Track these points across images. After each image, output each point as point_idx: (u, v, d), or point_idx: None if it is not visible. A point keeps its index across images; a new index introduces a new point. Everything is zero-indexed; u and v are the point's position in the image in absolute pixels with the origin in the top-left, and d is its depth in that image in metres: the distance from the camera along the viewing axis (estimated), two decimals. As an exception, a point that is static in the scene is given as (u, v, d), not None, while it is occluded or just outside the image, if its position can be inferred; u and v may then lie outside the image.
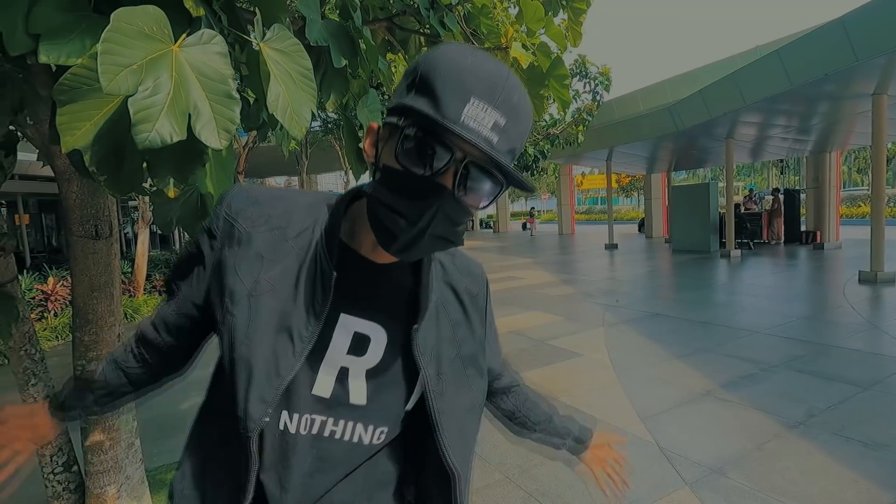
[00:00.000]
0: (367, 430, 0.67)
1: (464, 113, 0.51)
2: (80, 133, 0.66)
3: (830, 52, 6.73)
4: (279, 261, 0.63)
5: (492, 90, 0.53)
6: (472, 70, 0.53)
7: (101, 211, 1.60)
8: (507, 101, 0.54)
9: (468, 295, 0.75)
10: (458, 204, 0.56)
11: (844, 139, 12.28)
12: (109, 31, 0.50)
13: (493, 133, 0.53)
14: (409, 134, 0.54)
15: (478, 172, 0.55)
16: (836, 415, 3.20)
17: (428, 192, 0.55)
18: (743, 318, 5.94)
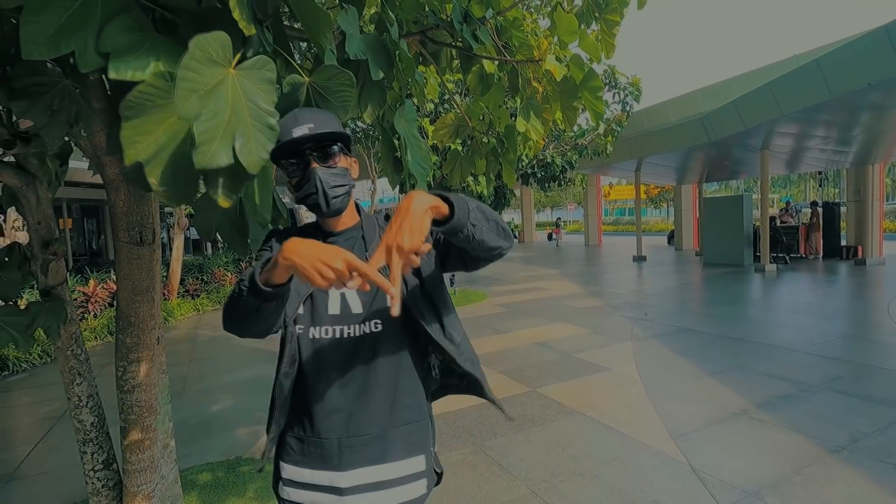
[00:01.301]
0: (367, 325, 1.06)
1: (292, 135, 0.95)
2: (142, 146, 0.69)
3: (874, 60, 6.49)
4: None
5: (296, 119, 0.97)
6: (283, 121, 0.94)
7: (146, 218, 1.66)
8: (306, 117, 0.97)
9: None
10: (327, 168, 1.01)
11: (888, 151, 11.77)
12: (188, 59, 0.53)
13: (311, 130, 0.96)
14: (284, 167, 1.02)
15: (321, 149, 1.00)
16: (881, 440, 3.04)
17: (308, 176, 1.00)
18: (779, 336, 5.72)
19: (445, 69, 2.34)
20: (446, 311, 1.11)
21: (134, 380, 1.77)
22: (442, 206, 0.87)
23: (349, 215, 1.11)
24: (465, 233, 0.90)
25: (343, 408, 1.04)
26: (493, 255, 1.02)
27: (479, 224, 0.92)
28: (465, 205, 0.90)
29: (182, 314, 8.51)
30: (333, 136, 0.99)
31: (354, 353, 1.05)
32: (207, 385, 4.83)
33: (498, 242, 0.99)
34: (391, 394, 1.07)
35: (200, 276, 9.94)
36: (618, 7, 2.03)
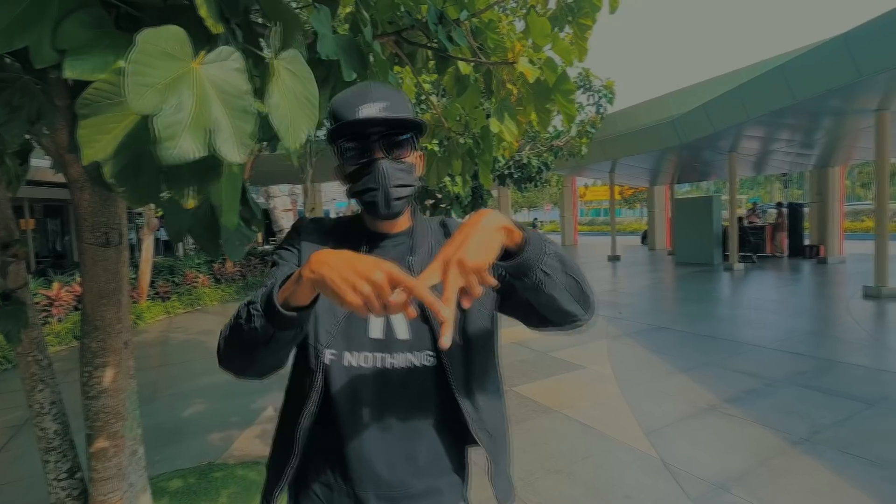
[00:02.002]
0: (416, 355, 0.85)
1: (357, 115, 0.81)
2: (100, 146, 0.67)
3: (834, 67, 6.77)
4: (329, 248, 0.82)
5: (365, 95, 0.83)
6: (350, 94, 0.85)
7: (112, 219, 1.62)
8: (379, 94, 0.83)
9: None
10: (394, 161, 0.84)
11: (848, 154, 12.29)
12: (137, 53, 0.52)
13: (382, 112, 0.81)
14: (340, 149, 0.86)
15: (392, 137, 0.84)
16: (841, 432, 3.17)
17: (371, 168, 0.84)
18: (747, 333, 5.91)
19: (421, 70, 2.35)
20: (484, 363, 0.90)
21: (100, 385, 1.72)
22: (516, 232, 0.72)
23: (404, 217, 0.93)
24: (533, 278, 0.73)
25: (383, 455, 0.84)
26: (565, 322, 0.82)
27: (554, 274, 0.74)
28: (541, 243, 0.74)
29: (152, 317, 8.28)
30: (408, 124, 0.83)
31: (400, 388, 0.85)
32: (179, 390, 4.71)
33: (572, 307, 0.79)
34: (443, 440, 0.87)
35: (171, 278, 9.68)
36: (590, 11, 2.07)
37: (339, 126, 0.82)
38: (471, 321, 0.87)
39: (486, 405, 0.89)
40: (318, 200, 25.33)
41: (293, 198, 23.89)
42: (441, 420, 0.87)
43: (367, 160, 0.83)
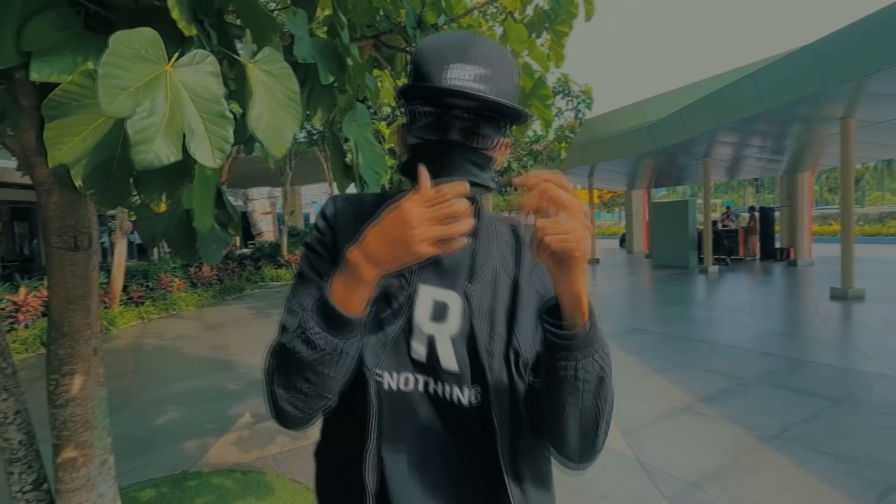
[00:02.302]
0: (464, 391, 0.69)
1: (445, 76, 0.62)
2: (68, 148, 0.66)
3: (801, 77, 7.02)
4: None
5: (463, 50, 0.63)
6: (443, 43, 0.65)
7: (81, 223, 1.58)
8: (481, 54, 0.63)
9: (531, 267, 0.75)
10: (473, 150, 0.66)
11: (815, 160, 12.73)
12: (109, 55, 0.51)
13: (478, 83, 0.62)
14: (412, 111, 0.66)
15: (478, 119, 0.64)
16: (808, 429, 3.28)
17: (441, 148, 0.65)
18: (721, 334, 6.06)
19: (401, 73, 2.35)
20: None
21: (67, 393, 1.67)
22: (586, 303, 0.60)
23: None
24: (565, 369, 0.61)
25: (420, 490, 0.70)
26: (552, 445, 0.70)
27: (585, 385, 0.62)
28: (600, 338, 0.63)
29: (125, 323, 8.06)
30: (506, 112, 0.64)
31: (444, 420, 0.70)
32: (152, 397, 4.60)
33: (570, 439, 0.66)
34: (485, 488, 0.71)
35: (145, 283, 9.45)
36: (567, 18, 2.10)
37: (414, 88, 0.65)
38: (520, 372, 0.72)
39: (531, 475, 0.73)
40: (298, 203, 25.06)
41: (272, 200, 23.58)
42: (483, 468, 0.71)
43: (438, 140, 0.65)
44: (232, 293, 11.08)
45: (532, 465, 0.73)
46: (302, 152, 14.05)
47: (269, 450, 3.33)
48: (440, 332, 0.70)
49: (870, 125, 8.62)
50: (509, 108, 0.62)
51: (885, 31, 5.74)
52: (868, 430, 3.22)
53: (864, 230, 24.70)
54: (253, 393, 4.52)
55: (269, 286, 12.57)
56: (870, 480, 2.62)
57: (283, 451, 3.29)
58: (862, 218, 27.12)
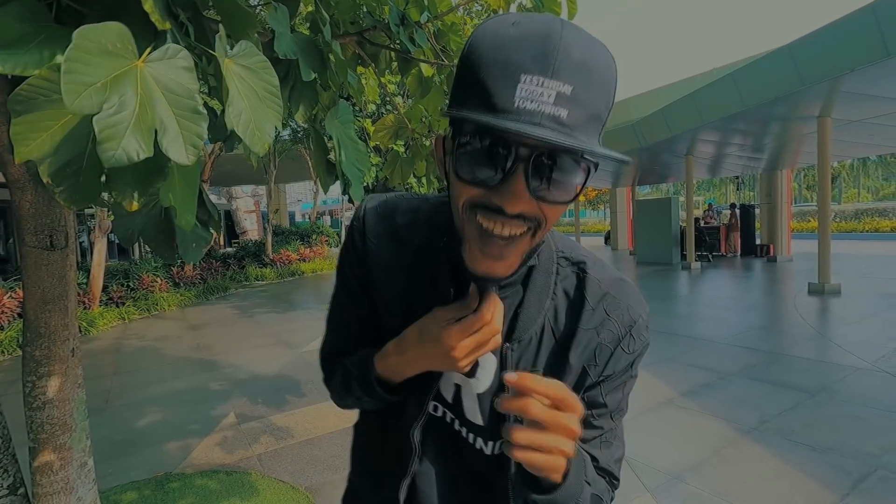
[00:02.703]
0: (488, 444, 0.67)
1: (517, 97, 0.44)
2: (35, 144, 0.65)
3: (779, 76, 7.16)
4: (410, 273, 0.66)
5: (544, 58, 0.44)
6: (515, 42, 0.45)
7: (57, 221, 1.54)
8: (567, 62, 0.44)
9: (590, 337, 0.63)
10: (543, 203, 0.49)
11: (794, 158, 13.00)
12: (73, 50, 0.50)
13: (560, 107, 0.44)
14: (462, 142, 0.47)
15: (553, 161, 0.47)
16: (786, 420, 3.35)
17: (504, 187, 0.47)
18: (703, 328, 6.17)
19: (385, 71, 2.35)
20: None
21: (44, 395, 1.63)
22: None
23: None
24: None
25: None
26: None
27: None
28: (580, 481, 0.57)
29: (105, 323, 7.91)
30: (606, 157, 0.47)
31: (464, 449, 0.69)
32: (133, 398, 4.52)
33: None
34: None
35: (126, 283, 9.29)
36: (549, 17, 2.11)
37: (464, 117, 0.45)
38: None
39: None
40: (283, 202, 24.82)
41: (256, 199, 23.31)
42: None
43: (503, 171, 0.47)
44: (216, 293, 10.94)
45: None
46: (286, 150, 13.91)
47: (254, 450, 3.30)
48: (467, 386, 0.65)
49: (845, 124, 8.83)
50: (600, 154, 0.46)
51: (858, 33, 5.89)
52: (843, 421, 3.31)
53: (841, 227, 25.33)
54: (237, 393, 4.48)
55: (253, 285, 12.44)
56: (844, 469, 2.70)
57: (268, 451, 3.27)
58: (838, 215, 27.80)
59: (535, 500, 0.56)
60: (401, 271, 0.66)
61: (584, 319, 0.63)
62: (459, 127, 0.48)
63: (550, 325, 0.64)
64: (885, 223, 24.45)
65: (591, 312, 0.63)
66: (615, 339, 0.63)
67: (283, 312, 8.60)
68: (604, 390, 0.65)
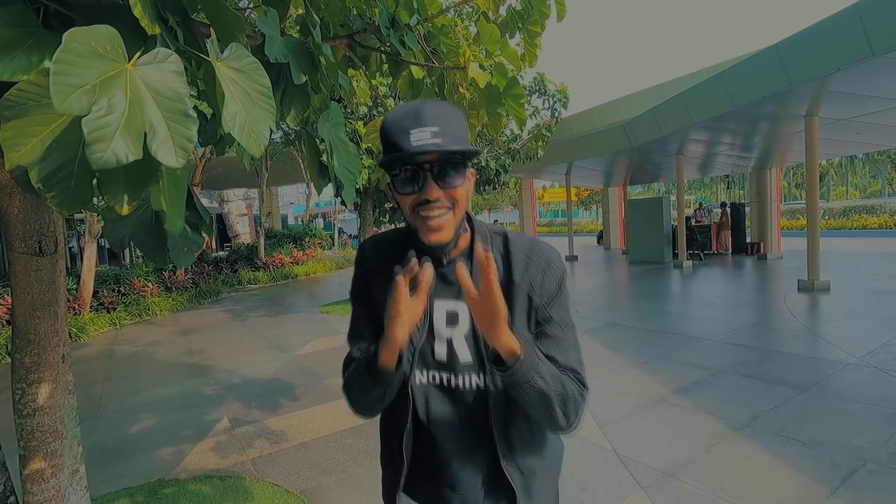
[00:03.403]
0: (479, 376, 0.91)
1: (411, 140, 0.80)
2: (26, 149, 0.64)
3: (767, 76, 7.24)
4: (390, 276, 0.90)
5: (417, 117, 0.81)
6: (401, 115, 0.82)
7: (46, 226, 1.53)
8: (432, 116, 0.81)
9: (521, 277, 0.92)
10: (446, 190, 0.83)
11: (783, 156, 13.14)
12: (62, 52, 0.51)
13: (436, 138, 0.80)
14: (395, 175, 0.84)
15: (444, 165, 0.82)
16: (777, 416, 3.39)
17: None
18: (695, 326, 6.21)
19: (376, 73, 2.35)
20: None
21: (34, 402, 1.62)
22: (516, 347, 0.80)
23: (463, 236, 0.93)
24: (517, 394, 0.83)
25: (459, 465, 0.93)
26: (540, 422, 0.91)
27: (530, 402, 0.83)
28: (529, 370, 0.81)
29: (96, 329, 7.84)
30: (463, 154, 0.82)
31: (467, 406, 0.92)
32: (125, 404, 4.48)
33: (545, 423, 0.89)
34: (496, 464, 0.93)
35: (117, 288, 9.20)
36: (539, 19, 2.13)
37: (390, 158, 0.82)
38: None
39: (521, 442, 0.93)
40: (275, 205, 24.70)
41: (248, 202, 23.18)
42: (488, 443, 0.93)
43: (421, 186, 0.83)
44: (208, 297, 10.87)
45: (522, 435, 0.93)
46: (278, 153, 13.85)
47: (248, 454, 3.28)
48: (456, 334, 0.92)
49: (832, 122, 8.95)
50: (464, 152, 0.81)
51: (843, 33, 5.97)
52: (833, 416, 3.35)
53: (829, 224, 25.62)
54: (231, 397, 4.45)
55: (246, 289, 12.36)
56: (835, 464, 2.73)
57: (262, 456, 3.25)
58: (827, 212, 28.12)
59: (501, 377, 0.81)
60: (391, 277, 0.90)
61: (515, 266, 0.92)
62: (391, 169, 0.84)
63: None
64: (872, 220, 24.77)
65: (518, 259, 0.93)
66: (541, 270, 0.92)
67: (276, 316, 8.56)
68: (548, 306, 0.92)
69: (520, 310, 0.91)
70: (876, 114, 8.42)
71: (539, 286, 0.91)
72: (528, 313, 0.91)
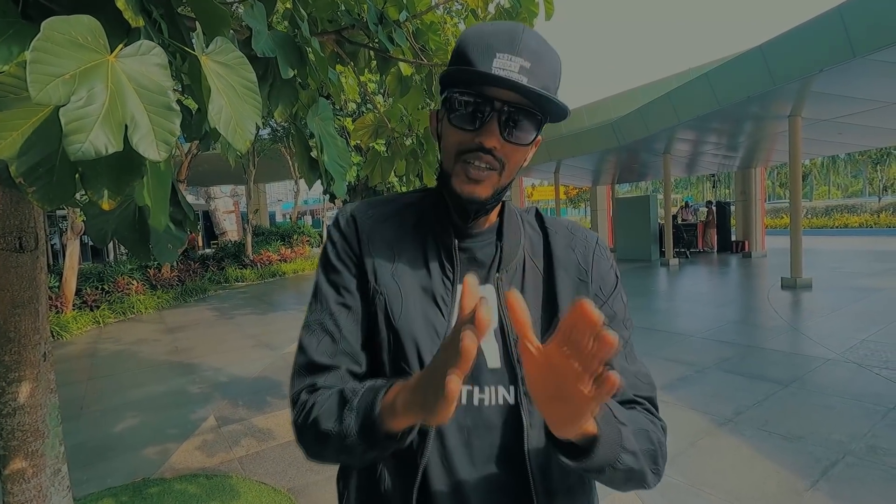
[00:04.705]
0: (510, 390, 0.68)
1: (493, 66, 0.61)
2: (6, 143, 0.63)
3: (752, 76, 7.34)
4: (406, 247, 0.72)
5: (511, 41, 0.62)
6: (491, 32, 0.64)
7: (26, 222, 1.51)
8: (527, 47, 0.62)
9: (559, 258, 0.74)
10: (511, 145, 0.65)
11: (767, 156, 13.34)
12: (39, 41, 0.50)
13: (522, 75, 0.61)
14: (453, 97, 0.65)
15: (518, 113, 0.64)
16: (760, 411, 3.45)
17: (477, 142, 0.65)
18: (680, 323, 6.30)
19: (364, 69, 2.34)
20: None
21: (15, 402, 1.59)
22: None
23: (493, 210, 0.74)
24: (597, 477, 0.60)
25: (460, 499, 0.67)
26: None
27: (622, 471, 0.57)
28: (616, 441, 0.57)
29: (79, 328, 7.70)
30: (547, 108, 0.64)
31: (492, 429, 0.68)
32: (109, 404, 4.42)
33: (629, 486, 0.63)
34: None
35: (100, 285, 9.05)
36: (527, 17, 2.14)
37: (458, 72, 0.63)
38: None
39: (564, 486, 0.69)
40: (263, 202, 24.46)
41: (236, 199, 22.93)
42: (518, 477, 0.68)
43: (479, 127, 0.64)
44: (194, 295, 10.74)
45: (568, 479, 0.69)
46: (265, 149, 13.72)
47: (234, 453, 3.26)
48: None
49: (815, 123, 9.10)
50: (553, 102, 0.62)
51: (826, 35, 6.07)
52: (814, 411, 3.42)
53: (812, 223, 26.11)
54: (217, 396, 4.41)
55: (233, 286, 12.24)
56: (815, 457, 2.79)
57: (249, 454, 3.23)
58: (810, 211, 28.64)
59: (573, 466, 0.55)
60: (397, 247, 0.73)
61: (555, 242, 0.76)
62: (449, 92, 0.65)
63: (529, 255, 0.75)
64: (854, 219, 25.30)
65: (557, 235, 0.77)
66: (589, 248, 0.77)
67: (264, 314, 8.49)
68: (608, 298, 0.75)
69: (566, 293, 0.72)
70: (857, 115, 8.59)
71: (590, 269, 0.75)
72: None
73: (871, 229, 22.81)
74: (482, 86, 0.63)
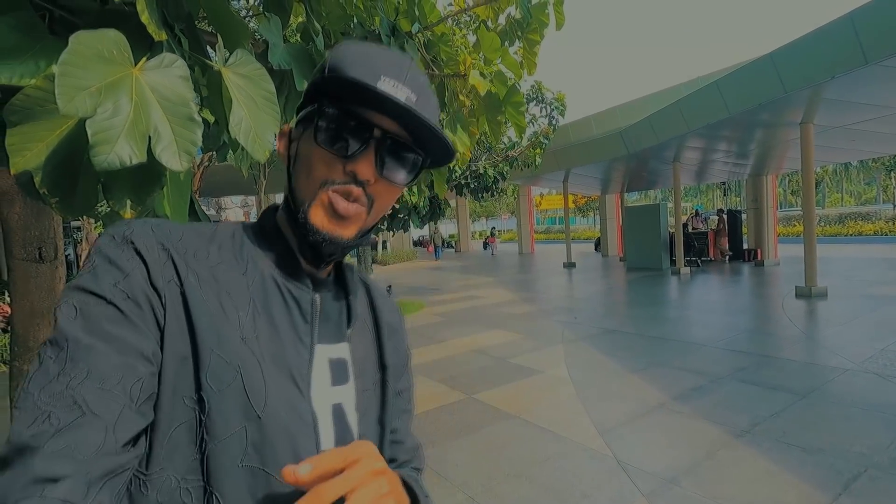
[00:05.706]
0: None
1: (379, 85, 0.51)
2: (31, 154, 0.65)
3: (762, 84, 7.31)
4: (242, 300, 0.53)
5: (399, 69, 0.53)
6: (378, 54, 0.54)
7: (46, 233, 1.53)
8: (415, 80, 0.54)
9: (387, 323, 0.68)
10: (383, 181, 0.55)
11: (779, 163, 13.23)
12: (68, 54, 0.51)
13: (411, 104, 0.53)
14: (327, 111, 0.53)
15: (399, 148, 0.55)
16: (777, 422, 3.38)
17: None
18: (693, 333, 6.21)
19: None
20: None
21: (31, 410, 1.61)
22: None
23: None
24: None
25: None
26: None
27: None
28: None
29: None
30: (429, 147, 0.56)
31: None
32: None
33: None
34: None
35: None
36: (538, 27, 2.15)
37: (340, 81, 0.51)
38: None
39: None
40: (273, 212, 24.62)
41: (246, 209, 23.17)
42: None
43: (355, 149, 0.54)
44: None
45: None
46: (276, 160, 13.87)
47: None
48: (346, 395, 0.58)
49: (827, 130, 9.02)
50: (441, 141, 0.54)
51: (837, 41, 6.04)
52: (833, 422, 3.34)
53: (826, 231, 25.75)
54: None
55: (243, 296, 12.29)
56: (836, 470, 2.72)
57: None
58: (823, 219, 28.27)
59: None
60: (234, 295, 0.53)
61: (378, 305, 0.68)
62: (322, 108, 0.53)
63: (366, 308, 0.68)
64: (868, 227, 24.90)
65: (378, 298, 0.69)
66: (398, 320, 0.71)
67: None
68: (406, 368, 0.71)
69: (390, 349, 0.66)
70: (870, 121, 8.50)
71: (401, 336, 0.70)
72: (403, 372, 0.70)
73: (887, 237, 22.44)
74: (362, 107, 0.52)
